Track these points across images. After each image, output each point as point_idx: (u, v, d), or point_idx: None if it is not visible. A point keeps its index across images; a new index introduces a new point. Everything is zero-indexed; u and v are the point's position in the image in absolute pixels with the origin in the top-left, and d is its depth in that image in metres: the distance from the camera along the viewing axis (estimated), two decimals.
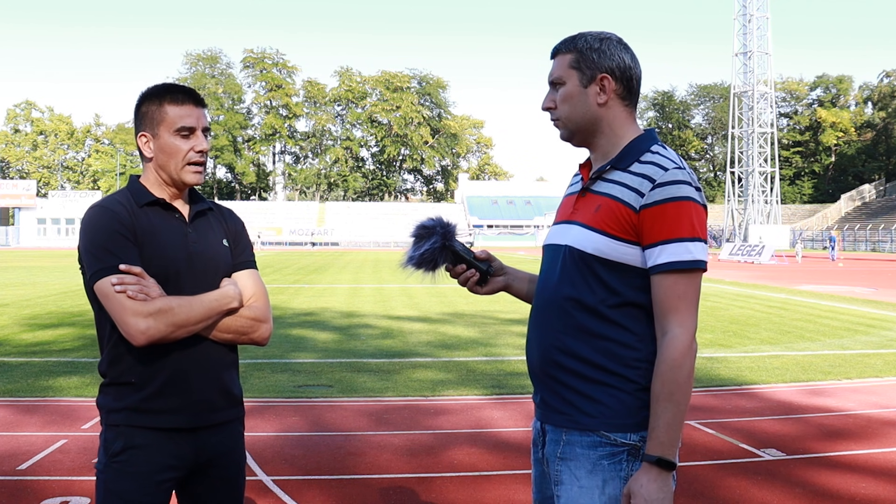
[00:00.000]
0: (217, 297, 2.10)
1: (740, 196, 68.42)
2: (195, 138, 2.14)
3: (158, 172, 2.15)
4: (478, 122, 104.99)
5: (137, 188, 2.15)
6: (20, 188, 72.55)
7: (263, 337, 2.21)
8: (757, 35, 63.56)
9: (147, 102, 2.15)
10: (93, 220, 2.06)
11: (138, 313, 1.97)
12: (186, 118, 2.12)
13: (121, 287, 1.98)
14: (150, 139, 2.14)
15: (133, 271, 2.00)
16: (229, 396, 2.19)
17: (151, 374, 2.06)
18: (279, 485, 4.48)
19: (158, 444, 2.06)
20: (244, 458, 2.28)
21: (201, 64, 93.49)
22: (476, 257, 2.15)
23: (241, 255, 2.25)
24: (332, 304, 15.47)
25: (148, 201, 2.12)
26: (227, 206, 2.37)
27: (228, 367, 2.19)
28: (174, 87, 2.16)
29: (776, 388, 7.35)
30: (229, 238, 2.25)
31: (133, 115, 2.19)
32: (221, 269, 2.18)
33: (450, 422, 6.04)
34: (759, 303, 15.98)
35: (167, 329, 1.99)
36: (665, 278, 1.81)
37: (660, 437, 1.78)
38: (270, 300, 2.30)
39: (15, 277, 23.25)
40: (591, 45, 1.93)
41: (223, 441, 2.18)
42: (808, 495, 4.41)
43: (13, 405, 6.45)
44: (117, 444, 2.06)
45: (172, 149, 2.11)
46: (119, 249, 2.02)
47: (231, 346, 2.20)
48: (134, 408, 2.06)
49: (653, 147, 1.90)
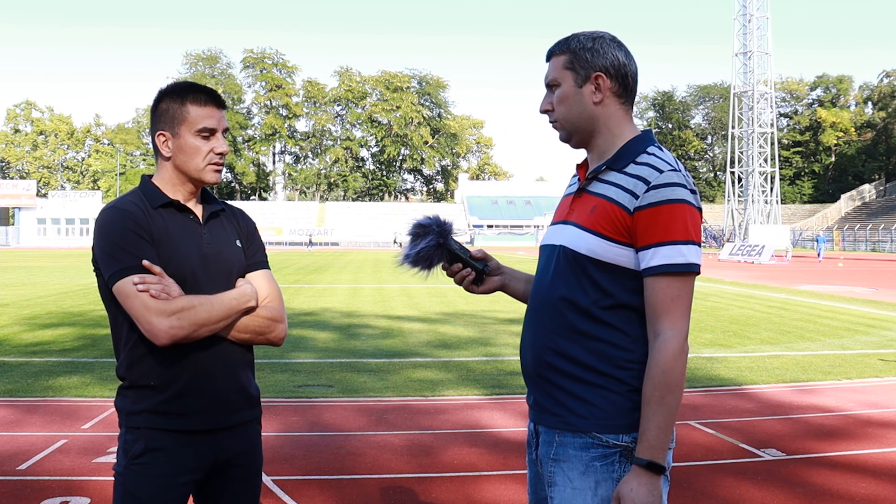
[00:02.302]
0: (236, 295, 2.08)
1: (740, 196, 68.40)
2: (215, 140, 2.12)
3: (176, 171, 2.12)
4: (478, 122, 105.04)
5: (151, 189, 2.12)
6: (20, 188, 72.58)
7: (279, 337, 2.20)
8: (757, 35, 63.54)
9: (168, 100, 2.11)
10: (108, 221, 2.03)
11: (162, 312, 1.94)
12: (208, 119, 2.09)
13: (143, 286, 1.95)
14: (169, 138, 2.10)
15: (154, 270, 1.98)
16: (247, 397, 2.18)
17: (172, 376, 2.03)
18: (279, 485, 4.49)
19: (179, 446, 2.04)
20: (261, 458, 2.26)
21: (201, 64, 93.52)
22: (472, 256, 2.15)
23: (254, 256, 2.23)
24: (331, 304, 15.47)
25: (162, 203, 2.09)
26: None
27: (245, 367, 2.18)
28: (197, 87, 2.12)
29: (776, 388, 7.35)
30: (242, 239, 2.23)
31: (151, 111, 2.15)
32: (235, 270, 2.16)
33: (449, 421, 6.05)
34: (759, 303, 15.99)
35: (190, 328, 1.97)
36: (658, 281, 1.81)
37: (650, 440, 1.77)
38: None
39: (15, 277, 23.24)
40: (584, 45, 1.93)
41: (241, 442, 2.16)
42: (807, 495, 4.41)
43: (13, 405, 6.45)
44: (138, 446, 2.03)
45: (193, 149, 2.09)
46: (137, 249, 1.99)
47: (248, 347, 2.18)
48: (154, 410, 2.03)
49: (649, 148, 1.90)
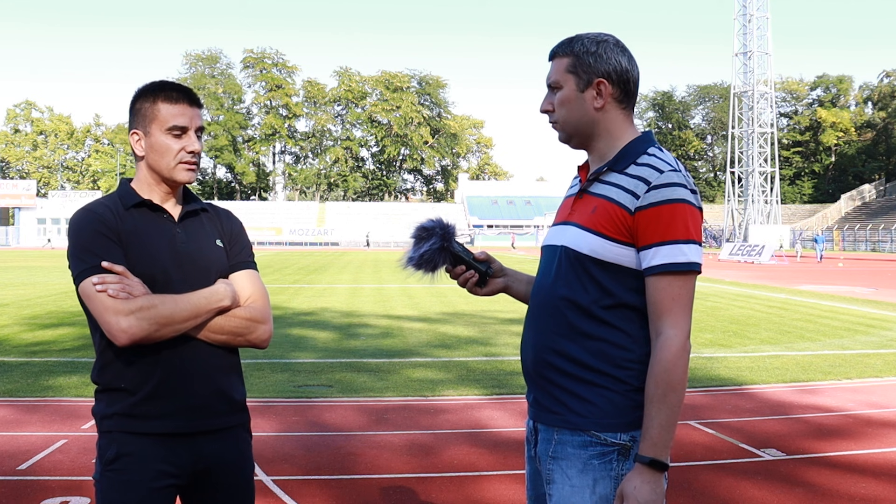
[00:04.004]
0: (206, 294, 2.02)
1: (740, 196, 68.43)
2: (187, 138, 2.08)
3: (150, 171, 2.09)
4: (478, 122, 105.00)
5: (126, 191, 2.11)
6: (20, 188, 72.66)
7: (262, 339, 2.13)
8: (757, 35, 63.59)
9: (142, 99, 2.09)
10: (77, 223, 2.02)
11: (119, 311, 1.90)
12: (179, 117, 2.06)
13: (102, 286, 1.92)
14: (141, 137, 2.08)
15: (115, 270, 1.95)
16: (229, 401, 2.10)
17: (142, 379, 1.99)
18: (279, 485, 4.49)
19: (152, 450, 1.99)
20: (252, 468, 2.18)
21: (201, 64, 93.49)
22: (475, 258, 2.15)
23: (238, 256, 2.18)
24: (332, 303, 15.47)
25: (134, 203, 2.07)
26: (226, 206, 2.33)
27: (227, 370, 2.11)
28: (169, 85, 2.09)
29: (776, 388, 7.35)
30: (224, 238, 2.17)
31: (128, 112, 2.14)
32: (214, 270, 2.10)
33: (449, 421, 6.05)
34: (759, 303, 15.99)
35: (150, 327, 1.91)
36: (659, 280, 1.82)
37: (653, 438, 1.79)
38: (271, 300, 2.25)
39: (15, 277, 23.25)
40: (588, 49, 1.92)
41: (225, 448, 2.10)
42: (807, 495, 4.41)
43: (13, 405, 6.46)
44: (110, 451, 1.99)
45: (163, 148, 2.06)
46: (101, 250, 1.96)
47: (230, 349, 2.12)
48: (125, 413, 1.99)
49: (649, 149, 1.91)
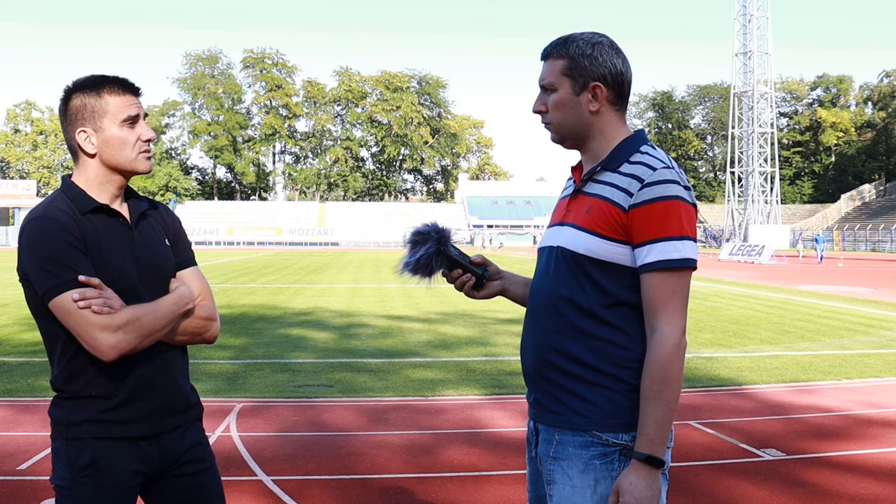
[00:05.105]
0: (175, 300, 2.06)
1: (740, 196, 68.43)
2: (140, 126, 2.06)
3: (103, 168, 2.05)
4: (478, 122, 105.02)
5: (76, 193, 2.03)
6: (20, 188, 72.57)
7: (214, 335, 2.18)
8: (757, 35, 63.60)
9: (82, 96, 2.02)
10: (37, 232, 1.93)
11: (107, 327, 1.88)
12: (130, 108, 2.04)
13: (84, 302, 1.88)
14: (91, 133, 2.02)
15: (92, 283, 1.91)
16: (186, 397, 2.16)
17: (115, 386, 1.99)
18: (279, 485, 4.49)
19: (127, 453, 2.02)
20: (210, 451, 2.22)
21: (201, 64, 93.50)
22: (472, 262, 2.15)
23: (183, 254, 2.20)
24: (331, 303, 15.42)
25: (91, 208, 2.01)
26: (226, 206, 2.33)
27: (183, 368, 2.17)
28: (110, 78, 2.06)
29: (776, 388, 7.35)
30: (170, 237, 2.19)
31: (60, 112, 2.06)
32: (168, 270, 2.13)
33: (449, 421, 6.05)
34: (759, 303, 15.99)
35: (136, 340, 1.93)
36: (654, 277, 1.82)
37: (649, 434, 1.79)
38: (271, 300, 2.28)
39: (15, 277, 23.19)
40: (584, 52, 1.91)
41: (186, 439, 2.15)
42: (807, 495, 4.41)
43: (13, 405, 6.45)
44: (84, 457, 1.98)
45: (120, 140, 2.03)
46: (73, 262, 1.91)
47: (183, 348, 2.17)
48: (99, 420, 1.99)
49: (642, 147, 1.91)
